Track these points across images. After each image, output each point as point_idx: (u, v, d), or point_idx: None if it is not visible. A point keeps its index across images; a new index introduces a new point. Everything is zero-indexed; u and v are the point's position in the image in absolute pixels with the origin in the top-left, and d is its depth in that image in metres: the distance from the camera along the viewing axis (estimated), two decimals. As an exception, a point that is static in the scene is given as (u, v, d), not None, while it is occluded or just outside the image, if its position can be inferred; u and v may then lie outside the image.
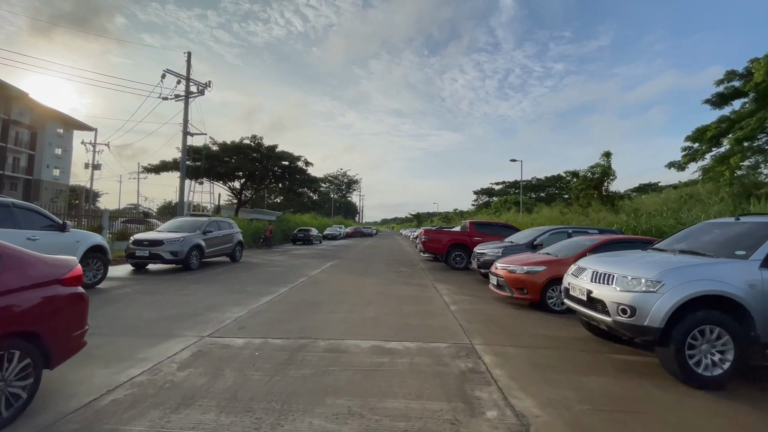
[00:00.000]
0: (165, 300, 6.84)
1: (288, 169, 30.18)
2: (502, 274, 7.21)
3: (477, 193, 66.85)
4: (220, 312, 5.93)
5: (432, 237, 13.11)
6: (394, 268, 13.10)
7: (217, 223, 13.22)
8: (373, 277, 10.63)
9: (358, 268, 12.65)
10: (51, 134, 48.49)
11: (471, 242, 12.77)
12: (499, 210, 48.69)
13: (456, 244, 12.84)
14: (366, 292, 7.98)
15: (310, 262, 14.56)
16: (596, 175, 20.85)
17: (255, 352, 4.12)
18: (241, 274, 10.52)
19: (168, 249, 10.75)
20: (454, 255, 12.78)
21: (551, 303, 6.73)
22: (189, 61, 25.06)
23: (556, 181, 62.50)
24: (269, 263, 13.79)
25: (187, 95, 24.51)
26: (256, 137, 29.04)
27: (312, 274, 10.76)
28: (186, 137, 24.59)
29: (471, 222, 13.27)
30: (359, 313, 6.08)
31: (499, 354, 4.28)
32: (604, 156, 20.91)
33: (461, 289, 8.89)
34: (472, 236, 12.84)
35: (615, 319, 3.96)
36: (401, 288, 8.74)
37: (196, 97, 25.02)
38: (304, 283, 9.20)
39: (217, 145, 28.35)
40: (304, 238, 28.80)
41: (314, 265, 13.13)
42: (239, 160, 26.61)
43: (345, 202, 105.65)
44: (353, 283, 9.39)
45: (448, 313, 6.30)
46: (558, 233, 9.79)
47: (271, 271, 11.33)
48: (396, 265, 14.22)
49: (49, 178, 48.47)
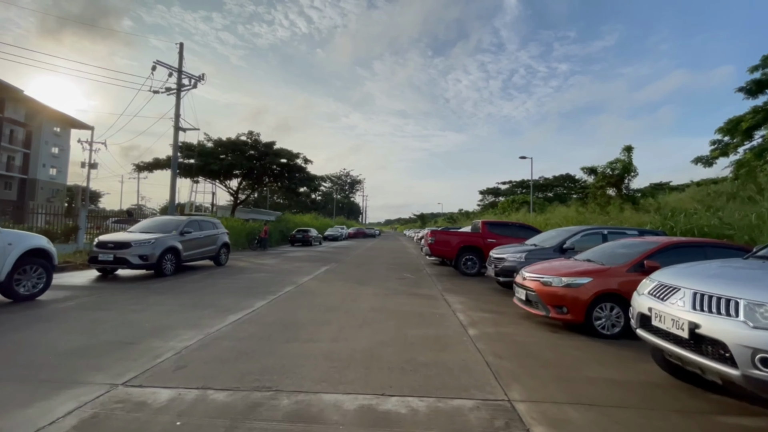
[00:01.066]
0: (105, 319, 5.39)
1: (286, 167, 28.77)
2: (533, 286, 5.69)
3: (483, 192, 65.16)
4: (165, 339, 4.47)
5: (439, 239, 11.58)
6: (397, 273, 11.61)
7: (198, 223, 11.79)
8: (372, 285, 9.13)
9: (355, 275, 11.16)
10: (47, 133, 47.50)
11: (484, 245, 11.25)
12: (507, 210, 47.04)
13: (467, 246, 11.32)
14: (361, 308, 6.49)
15: (303, 266, 13.09)
16: (616, 171, 19.22)
17: (176, 421, 2.64)
18: (220, 282, 9.07)
19: (136, 252, 9.32)
20: (464, 259, 11.25)
21: (599, 325, 5.21)
22: (181, 52, 23.76)
23: (564, 181, 60.70)
24: (257, 268, 12.33)
25: (179, 88, 23.19)
26: (253, 133, 27.68)
27: (301, 282, 9.28)
28: (178, 132, 23.26)
29: (484, 222, 11.74)
30: (348, 341, 4.59)
31: (557, 422, 2.77)
32: (624, 151, 19.29)
33: (477, 302, 7.37)
34: (485, 238, 11.32)
35: (749, 373, 2.46)
36: (404, 301, 7.24)
37: (188, 90, 23.71)
38: (289, 293, 7.72)
39: (212, 141, 27.01)
40: (303, 239, 27.39)
41: (307, 270, 11.66)
42: (234, 158, 25.22)
43: (348, 203, 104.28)
44: (347, 294, 7.90)
45: (467, 340, 4.79)
46: (591, 234, 8.27)
47: (255, 278, 9.87)
48: (399, 269, 12.72)
49: (45, 178, 47.47)
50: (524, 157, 30.19)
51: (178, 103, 23.28)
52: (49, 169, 48.33)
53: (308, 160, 29.06)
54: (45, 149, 47.24)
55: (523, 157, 30.19)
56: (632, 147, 19.19)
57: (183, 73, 23.83)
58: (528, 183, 61.74)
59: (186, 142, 26.81)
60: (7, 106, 40.87)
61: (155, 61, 22.62)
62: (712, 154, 19.85)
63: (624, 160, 19.26)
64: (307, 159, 28.95)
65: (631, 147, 19.20)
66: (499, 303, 7.29)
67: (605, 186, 19.70)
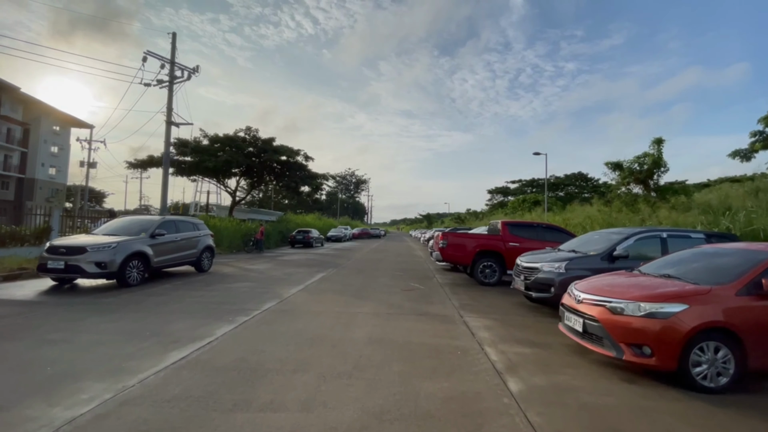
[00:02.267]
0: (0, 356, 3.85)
1: (286, 164, 27.25)
2: (594, 314, 4.04)
3: (491, 192, 63.22)
4: (55, 398, 2.91)
5: (453, 242, 9.91)
6: (402, 282, 9.99)
7: (175, 224, 10.26)
8: (372, 300, 7.52)
9: (354, 284, 9.56)
10: (46, 131, 46.60)
11: (505, 249, 9.58)
12: (517, 210, 45.18)
13: (485, 251, 9.65)
14: (355, 339, 4.88)
15: (296, 272, 11.53)
16: (645, 166, 17.40)
17: None
18: (190, 295, 7.52)
19: (92, 259, 7.81)
20: (482, 266, 9.59)
21: (699, 374, 3.55)
22: (174, 43, 22.38)
23: (576, 179, 58.55)
24: (243, 275, 10.79)
25: (171, 80, 21.78)
26: (251, 129, 26.22)
27: (287, 296, 7.70)
28: (170, 127, 21.86)
29: (504, 222, 10.05)
30: (327, 409, 2.98)
31: None
32: (654, 144, 17.45)
33: (508, 326, 5.72)
34: (506, 241, 9.65)
35: None
36: (412, 326, 5.61)
37: (181, 83, 22.33)
38: (266, 314, 6.14)
39: (208, 138, 25.60)
40: (303, 240, 25.86)
41: (299, 278, 10.09)
42: (230, 154, 23.75)
43: (353, 203, 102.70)
44: (340, 314, 6.30)
45: (510, 404, 3.15)
46: (647, 238, 6.60)
47: (234, 290, 8.31)
48: (404, 277, 11.10)
49: (44, 177, 46.56)
50: (538, 153, 28.42)
51: (170, 96, 21.90)
52: (48, 169, 47.40)
53: (309, 157, 27.53)
54: (44, 148, 46.32)
55: (537, 153, 28.42)
56: (663, 140, 17.36)
57: (176, 65, 22.46)
58: (539, 182, 59.74)
59: (181, 139, 25.48)
60: (3, 104, 39.94)
61: (146, 52, 21.25)
62: (753, 146, 17.95)
63: (653, 154, 17.44)
64: (308, 156, 27.42)
65: (662, 140, 17.36)
66: (536, 328, 5.64)
67: (632, 182, 17.89)
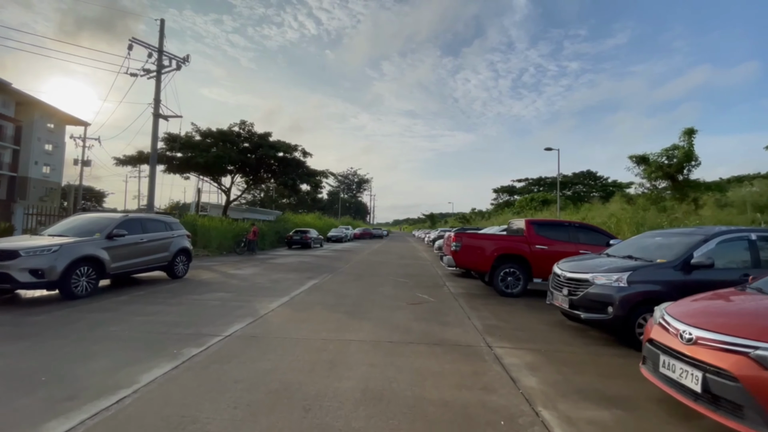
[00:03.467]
0: None
1: (283, 161, 25.75)
2: (728, 366, 2.46)
3: (497, 191, 61.48)
4: None
5: (468, 245, 8.31)
6: (408, 291, 8.44)
7: (141, 223, 8.75)
8: (370, 319, 5.97)
9: (350, 295, 8.02)
10: (40, 129, 45.39)
11: (531, 253, 8.00)
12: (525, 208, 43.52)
13: (507, 255, 8.06)
14: (340, 392, 3.32)
15: (285, 279, 10.00)
16: (675, 159, 15.76)
17: None
18: (140, 312, 6.01)
19: (25, 265, 6.32)
20: (504, 273, 8.01)
21: None
22: (162, 30, 20.97)
23: (585, 178, 56.73)
24: (222, 282, 9.27)
25: (159, 70, 20.37)
26: (246, 123, 24.77)
27: (264, 312, 6.17)
28: (158, 120, 20.44)
29: (530, 221, 8.44)
30: None
31: None
32: (684, 135, 15.81)
33: (560, 364, 4.12)
34: (532, 243, 8.07)
35: None
36: (424, 365, 4.03)
37: (170, 72, 20.89)
38: (228, 341, 4.61)
39: (200, 132, 24.15)
40: (301, 241, 24.34)
41: (285, 287, 8.56)
42: (222, 149, 22.27)
43: (355, 203, 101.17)
44: (325, 343, 4.75)
45: None
46: (732, 240, 5.02)
47: (202, 303, 6.79)
48: (410, 284, 9.55)
49: (37, 176, 45.34)
50: (550, 148, 26.74)
51: (158, 87, 20.49)
52: (42, 167, 46.17)
53: (307, 153, 26.00)
54: (37, 146, 45.10)
55: (549, 148, 26.74)
56: (695, 130, 15.71)
57: (164, 53, 21.01)
58: (546, 180, 57.99)
59: (171, 133, 24.05)
60: (-7, 100, 38.73)
61: (131, 39, 19.81)
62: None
63: (683, 146, 15.81)
64: (306, 152, 25.90)
65: (693, 130, 15.71)
66: (600, 366, 4.06)
67: (660, 178, 16.26)
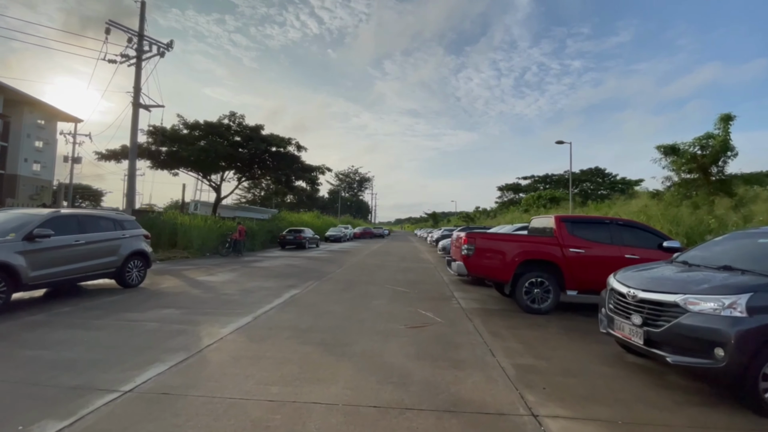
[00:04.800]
0: None
1: (277, 155, 24.09)
2: None
3: (501, 189, 59.64)
4: None
5: (485, 248, 6.56)
6: (407, 305, 6.75)
7: (78, 221, 7.07)
8: (351, 356, 4.26)
9: (332, 313, 6.33)
10: (29, 125, 43.95)
11: (564, 258, 6.28)
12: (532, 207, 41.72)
13: (534, 261, 6.35)
14: None
15: (260, 288, 8.32)
16: (710, 149, 13.98)
17: None
18: (41, 340, 4.33)
19: None
20: (530, 283, 6.30)
21: None
22: (143, 13, 19.38)
23: (593, 175, 54.75)
24: (181, 293, 7.59)
25: (139, 56, 18.77)
26: (236, 115, 23.11)
27: (209, 343, 4.47)
28: (138, 110, 18.87)
29: (561, 218, 6.71)
30: None
31: None
32: (720, 122, 14.02)
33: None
34: (565, 245, 6.35)
35: None
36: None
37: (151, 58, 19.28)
38: (123, 404, 2.91)
39: (187, 125, 22.52)
40: (295, 241, 22.68)
41: (255, 300, 6.88)
42: (209, 143, 20.62)
43: (357, 201, 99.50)
44: (272, 406, 3.04)
45: None
46: None
47: (133, 327, 5.11)
48: (410, 295, 7.86)
49: (27, 174, 43.88)
50: (562, 141, 24.99)
51: (138, 74, 18.88)
52: (32, 165, 44.70)
53: (302, 147, 24.32)
54: (27, 143, 43.64)
55: (561, 141, 24.98)
56: (732, 116, 13.92)
57: (145, 38, 19.41)
58: (553, 177, 56.06)
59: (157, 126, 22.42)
60: (-22, 94, 37.24)
61: (108, 22, 18.23)
62: None
63: (719, 135, 14.03)
64: (301, 146, 24.21)
65: (731, 116, 13.92)
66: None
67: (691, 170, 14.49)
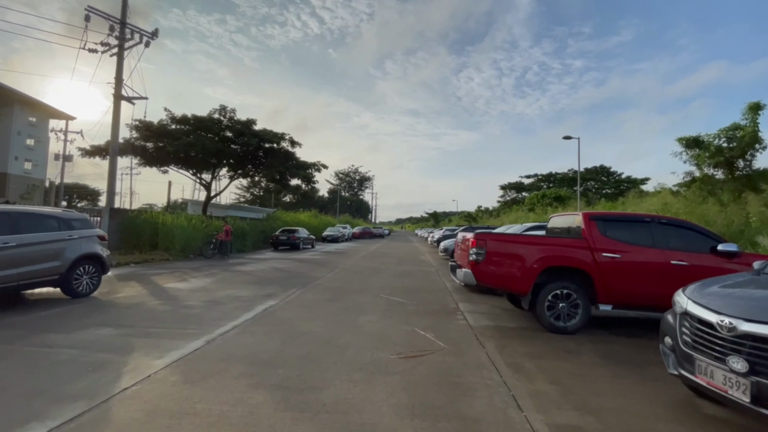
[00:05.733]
0: None
1: (270, 151, 22.89)
2: None
3: (504, 187, 58.37)
4: None
5: (498, 252, 5.30)
6: (402, 325, 5.56)
7: (9, 220, 5.89)
8: (317, 412, 3.06)
9: (307, 335, 5.13)
10: (20, 122, 42.87)
11: (595, 264, 5.08)
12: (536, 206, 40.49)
13: (559, 268, 5.16)
14: None
15: (232, 298, 7.13)
16: (738, 141, 12.74)
17: None
18: None
19: None
20: (553, 295, 5.10)
21: None
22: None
23: (597, 174, 53.50)
24: (136, 305, 6.41)
25: (121, 45, 17.61)
26: (227, 109, 21.93)
27: (124, 387, 3.27)
28: (119, 102, 17.67)
29: (591, 215, 5.47)
30: None
31: None
32: (748, 112, 12.79)
33: None
34: (597, 249, 5.15)
35: None
36: None
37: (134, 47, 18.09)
38: None
39: (174, 120, 21.33)
40: (288, 241, 21.53)
41: (219, 316, 5.69)
42: (195, 137, 19.44)
43: (357, 201, 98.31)
44: None
45: None
46: None
47: (39, 357, 3.91)
48: (407, 309, 6.67)
49: (18, 172, 42.81)
50: (569, 137, 23.79)
51: (120, 64, 17.68)
52: (23, 163, 43.61)
53: (296, 143, 23.13)
54: (17, 140, 42.57)
55: (569, 137, 23.78)
56: (762, 105, 12.69)
57: (127, 26, 18.22)
58: (557, 176, 54.79)
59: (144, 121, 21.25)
60: (-35, 90, 36.20)
61: (88, 8, 17.05)
62: None
63: (747, 126, 12.80)
64: (295, 141, 23.01)
65: (760, 105, 12.69)
66: None
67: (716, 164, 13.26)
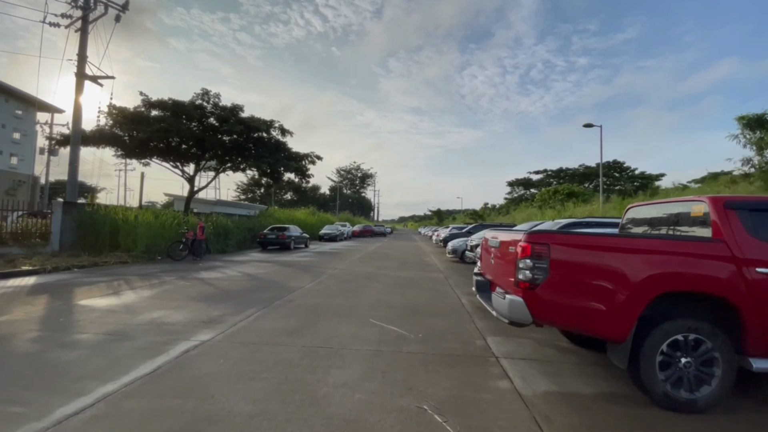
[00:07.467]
0: None
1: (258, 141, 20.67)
2: None
3: (511, 184, 55.83)
4: None
5: (572, 264, 2.97)
6: (400, 389, 3.32)
7: None
8: None
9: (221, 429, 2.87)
10: (5, 115, 40.93)
11: (744, 288, 2.81)
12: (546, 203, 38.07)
13: (679, 294, 2.90)
14: None
15: (150, 328, 4.89)
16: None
17: None
18: None
19: None
20: (670, 342, 2.84)
21: None
22: (92, -32, 16.00)
23: (609, 169, 50.87)
24: (4, 336, 4.19)
25: (85, 17, 15.38)
26: (210, 93, 19.69)
27: None
28: (83, 81, 15.40)
29: (726, 201, 3.16)
30: None
31: None
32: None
33: None
34: (743, 259, 2.87)
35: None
36: None
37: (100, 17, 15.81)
38: None
39: (149, 103, 19.12)
40: (277, 240, 19.30)
41: (91, 371, 3.46)
42: (170, 122, 17.22)
43: (358, 198, 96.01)
44: None
45: None
46: None
47: None
48: (408, 347, 4.42)
49: (2, 167, 40.88)
50: (590, 125, 21.40)
51: (83, 39, 15.42)
52: (9, 157, 41.73)
53: (286, 131, 20.87)
54: (3, 133, 40.65)
55: (589, 125, 21.39)
56: None
57: (93, -5, 16.01)
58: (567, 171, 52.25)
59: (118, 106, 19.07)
60: (-57, 80, 34.23)
61: (45, -27, 14.84)
62: None
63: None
64: (285, 129, 20.76)
65: None
66: None
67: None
